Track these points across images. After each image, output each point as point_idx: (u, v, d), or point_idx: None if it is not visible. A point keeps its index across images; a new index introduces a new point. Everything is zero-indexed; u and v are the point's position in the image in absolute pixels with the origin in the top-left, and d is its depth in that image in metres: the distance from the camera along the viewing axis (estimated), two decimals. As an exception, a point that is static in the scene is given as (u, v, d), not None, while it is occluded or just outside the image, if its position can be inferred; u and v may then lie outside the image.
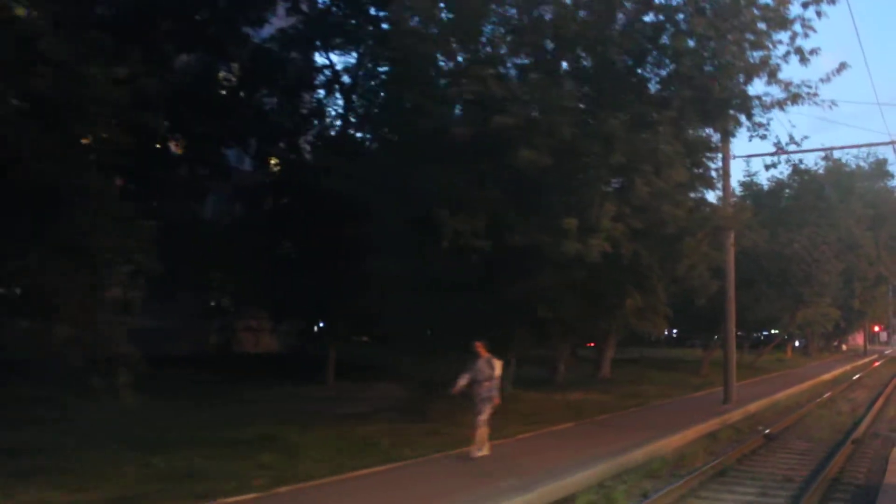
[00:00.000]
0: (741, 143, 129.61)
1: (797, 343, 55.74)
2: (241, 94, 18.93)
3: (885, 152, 75.13)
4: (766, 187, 44.03)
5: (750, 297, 24.21)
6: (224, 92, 18.60)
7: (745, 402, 17.64)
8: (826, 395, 21.36)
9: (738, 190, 44.22)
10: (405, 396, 15.57)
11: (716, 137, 12.83)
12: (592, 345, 56.58)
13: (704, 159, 12.10)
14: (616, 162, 10.08)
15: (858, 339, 78.84)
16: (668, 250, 11.05)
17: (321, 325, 23.51)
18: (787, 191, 43.74)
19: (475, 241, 10.82)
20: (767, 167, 41.14)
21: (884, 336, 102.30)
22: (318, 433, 11.24)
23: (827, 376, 29.40)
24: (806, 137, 41.73)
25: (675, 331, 56.19)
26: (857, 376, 31.09)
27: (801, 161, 42.01)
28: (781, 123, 65.19)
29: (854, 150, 49.46)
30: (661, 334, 13.82)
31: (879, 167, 49.72)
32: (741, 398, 18.30)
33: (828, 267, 24.70)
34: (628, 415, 15.52)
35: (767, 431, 13.96)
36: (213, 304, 25.22)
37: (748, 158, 71.99)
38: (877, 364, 43.65)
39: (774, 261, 23.11)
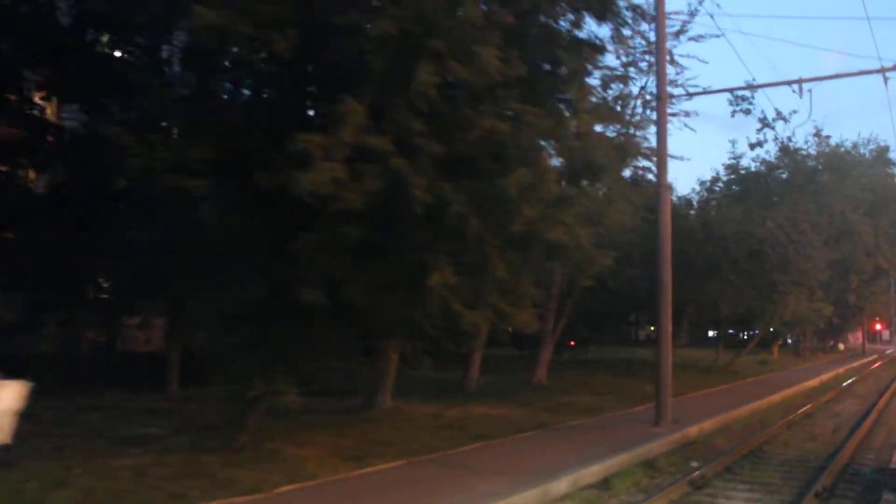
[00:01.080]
0: (731, 128, 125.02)
1: (789, 341, 51.23)
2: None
3: (886, 138, 70.58)
4: (754, 169, 39.90)
5: (718, 287, 19.84)
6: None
7: (689, 421, 13.26)
8: (803, 410, 16.93)
9: (721, 174, 40.11)
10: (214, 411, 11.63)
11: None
12: (573, 343, 52.28)
13: (560, 50, 7.55)
14: (383, 31, 5.72)
15: (859, 337, 73.97)
16: (492, 195, 6.61)
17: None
18: (778, 173, 39.43)
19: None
20: (752, 146, 36.41)
21: (886, 335, 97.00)
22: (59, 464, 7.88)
23: (813, 382, 24.96)
24: (795, 111, 37.18)
25: (652, 328, 51.90)
26: (850, 381, 26.63)
27: (789, 139, 37.62)
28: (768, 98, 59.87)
29: (854, 138, 44.64)
30: (526, 326, 9.42)
31: (881, 155, 45.10)
32: (687, 415, 13.95)
33: (809, 251, 20.25)
34: (514, 443, 11.17)
35: (697, 473, 9.58)
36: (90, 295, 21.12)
37: (686, 96, 67.33)
38: (875, 366, 39.10)
39: (744, 242, 18.72)
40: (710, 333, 48.14)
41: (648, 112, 22.21)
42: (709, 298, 19.48)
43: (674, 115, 21.46)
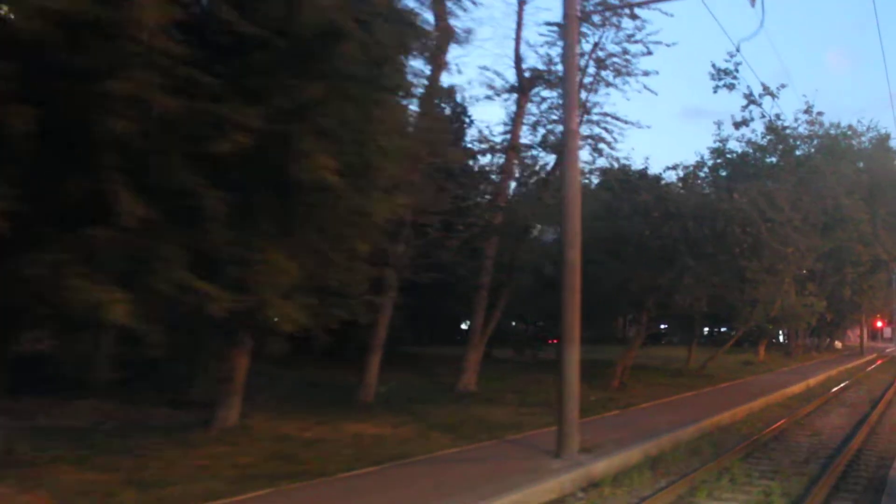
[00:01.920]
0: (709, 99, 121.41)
1: (781, 339, 47.79)
2: None
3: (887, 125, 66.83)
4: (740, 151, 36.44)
5: (674, 275, 16.43)
6: None
7: (608, 449, 9.87)
8: (773, 427, 13.52)
9: (706, 158, 36.68)
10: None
11: None
12: (554, 341, 49.04)
13: None
14: None
15: (859, 335, 70.23)
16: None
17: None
18: (765, 155, 35.95)
19: None
20: (737, 125, 32.92)
21: (888, 332, 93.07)
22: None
23: (798, 387, 21.54)
24: (784, 86, 33.68)
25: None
26: (841, 386, 23.22)
27: (777, 116, 34.11)
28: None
29: (850, 120, 40.81)
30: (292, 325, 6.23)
31: (881, 143, 41.57)
32: (614, 439, 10.60)
33: (788, 232, 16.73)
34: (332, 488, 7.80)
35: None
36: None
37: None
38: (872, 367, 35.61)
39: (707, 220, 15.30)
40: (706, 330, 44.88)
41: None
42: (664, 289, 16.05)
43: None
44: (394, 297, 15.23)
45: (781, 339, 47.89)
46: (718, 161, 36.54)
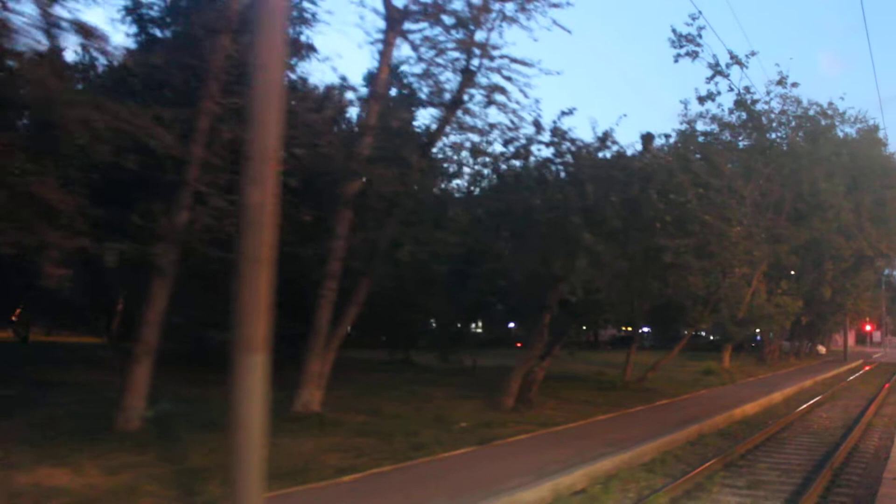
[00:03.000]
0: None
1: (756, 344, 43.48)
2: None
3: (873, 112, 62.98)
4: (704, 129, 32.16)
5: (564, 257, 12.04)
6: None
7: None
8: (685, 480, 9.17)
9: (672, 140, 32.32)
10: None
11: None
12: (519, 345, 44.23)
13: None
14: None
15: (849, 338, 65.85)
16: None
17: None
18: (732, 135, 31.67)
19: None
20: (702, 99, 28.63)
21: (878, 336, 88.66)
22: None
23: (754, 406, 17.23)
24: (754, 53, 29.40)
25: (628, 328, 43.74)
26: (812, 402, 18.92)
27: (747, 90, 29.82)
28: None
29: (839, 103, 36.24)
30: None
31: (869, 134, 37.28)
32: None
33: (728, 203, 12.11)
34: None
35: None
36: None
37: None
38: (855, 377, 31.32)
39: (612, 185, 10.81)
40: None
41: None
42: (556, 277, 11.64)
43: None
44: (168, 282, 10.85)
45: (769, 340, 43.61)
46: (683, 146, 32.29)
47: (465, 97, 14.58)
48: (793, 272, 30.93)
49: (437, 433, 11.31)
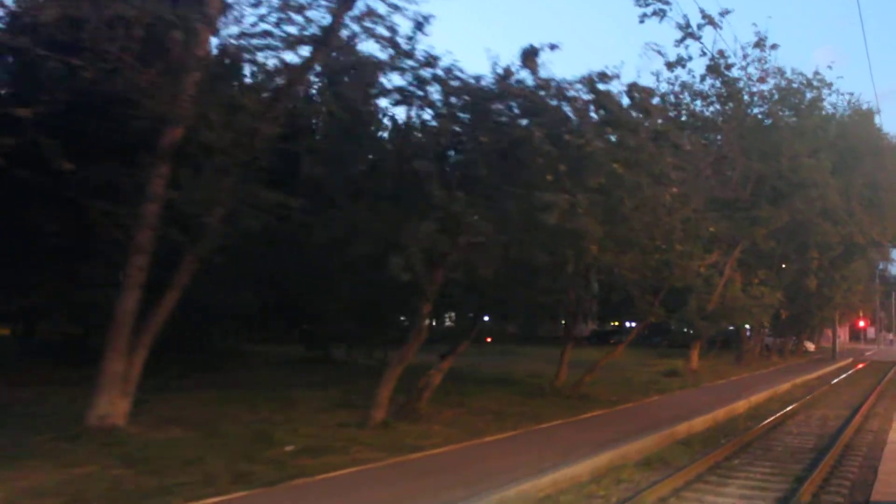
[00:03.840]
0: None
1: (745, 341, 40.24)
2: None
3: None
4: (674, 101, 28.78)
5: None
6: None
7: None
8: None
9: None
10: None
11: None
12: (489, 340, 40.98)
13: None
14: None
15: (840, 334, 62.56)
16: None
17: None
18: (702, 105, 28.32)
19: None
20: (670, 65, 25.16)
21: (872, 332, 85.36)
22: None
23: (713, 416, 13.99)
24: (728, 11, 25.92)
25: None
26: (780, 415, 15.60)
27: (721, 54, 26.36)
28: None
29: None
30: None
31: (864, 119, 33.94)
32: None
33: (647, 146, 8.75)
34: None
35: None
36: None
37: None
38: (841, 378, 28.03)
39: (480, 123, 7.54)
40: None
41: None
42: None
43: None
44: None
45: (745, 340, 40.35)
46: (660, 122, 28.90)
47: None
48: (773, 259, 27.64)
49: (242, 463, 8.08)
